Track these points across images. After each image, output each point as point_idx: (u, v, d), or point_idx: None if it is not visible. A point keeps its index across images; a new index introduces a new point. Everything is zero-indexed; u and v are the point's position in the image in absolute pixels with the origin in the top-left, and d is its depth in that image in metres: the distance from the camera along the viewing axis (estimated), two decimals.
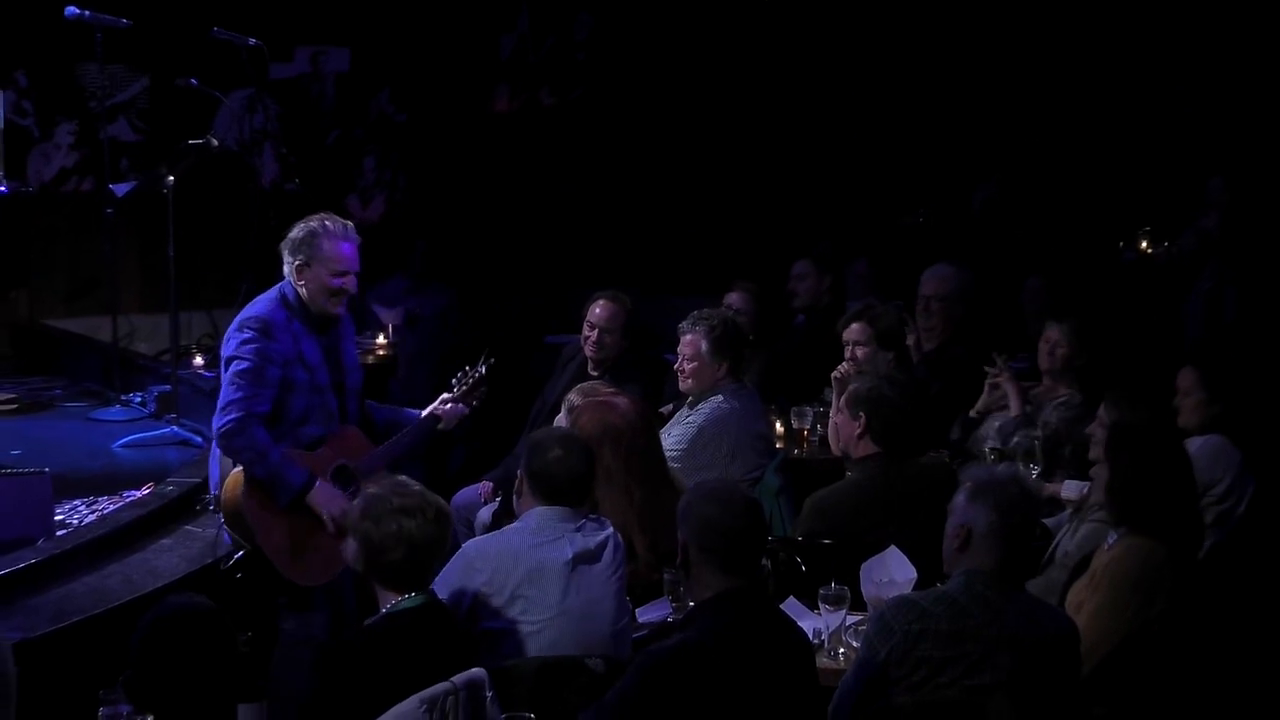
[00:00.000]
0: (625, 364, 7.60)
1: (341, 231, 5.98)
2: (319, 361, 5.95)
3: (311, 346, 5.94)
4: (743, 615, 4.25)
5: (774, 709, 4.18)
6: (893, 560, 5.35)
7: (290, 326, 5.90)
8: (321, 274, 5.91)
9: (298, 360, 5.89)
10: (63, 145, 11.10)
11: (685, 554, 4.32)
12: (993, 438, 6.99)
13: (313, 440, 5.93)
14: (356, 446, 6.02)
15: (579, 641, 4.94)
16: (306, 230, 5.97)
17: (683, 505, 4.42)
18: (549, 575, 4.96)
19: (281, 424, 5.87)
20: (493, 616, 4.94)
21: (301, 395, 5.90)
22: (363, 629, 4.50)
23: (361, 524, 4.50)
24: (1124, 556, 5.07)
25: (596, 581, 5.02)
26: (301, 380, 5.90)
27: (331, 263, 5.91)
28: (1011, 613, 4.45)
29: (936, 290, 8.04)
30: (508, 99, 12.96)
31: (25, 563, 6.27)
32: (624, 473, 5.63)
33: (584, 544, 5.03)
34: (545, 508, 5.07)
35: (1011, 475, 5.10)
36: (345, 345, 6.12)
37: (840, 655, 5.02)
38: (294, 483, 5.77)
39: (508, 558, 4.98)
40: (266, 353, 5.83)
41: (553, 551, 4.98)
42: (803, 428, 7.63)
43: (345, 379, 6.07)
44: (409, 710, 4.20)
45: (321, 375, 5.95)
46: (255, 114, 11.37)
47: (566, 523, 5.05)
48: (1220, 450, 6.24)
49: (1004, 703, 4.31)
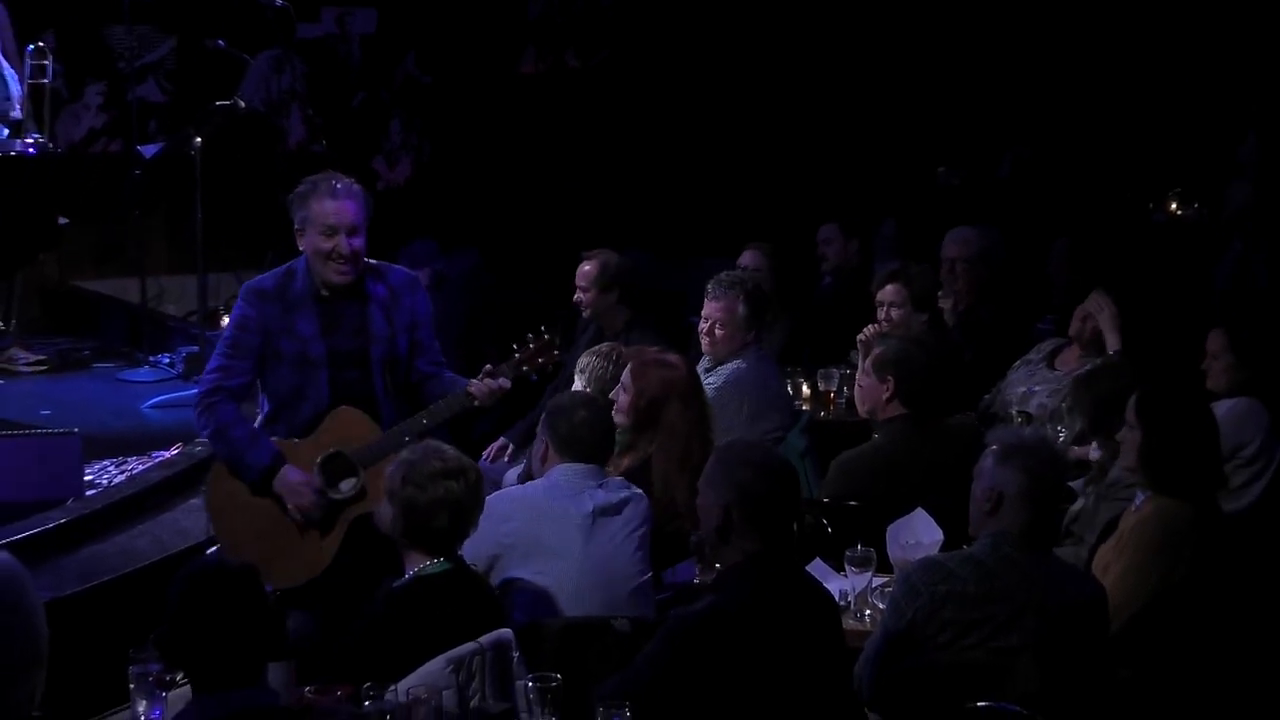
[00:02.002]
0: (635, 325, 7.61)
1: (331, 188, 5.42)
2: (313, 333, 5.40)
3: (307, 317, 5.41)
4: (772, 579, 4.25)
5: (802, 671, 4.19)
6: (919, 522, 5.35)
7: (284, 295, 5.43)
8: (313, 236, 5.39)
9: (285, 331, 5.40)
10: (91, 106, 11.13)
11: (724, 516, 4.25)
12: (1018, 400, 6.98)
13: (310, 422, 5.42)
14: (357, 431, 5.37)
15: (600, 593, 5.02)
16: (300, 193, 5.47)
17: (717, 468, 4.34)
18: (570, 525, 5.06)
19: (273, 400, 5.48)
20: (516, 566, 5.03)
21: (289, 369, 5.42)
22: (391, 591, 4.51)
23: (404, 490, 4.49)
24: (1151, 518, 5.07)
25: (617, 535, 5.11)
26: (289, 352, 5.41)
27: (319, 221, 5.36)
28: (1039, 575, 4.46)
29: (961, 253, 8.02)
30: (534, 61, 12.93)
31: (55, 523, 6.32)
32: (688, 427, 5.75)
33: (606, 499, 5.14)
34: (569, 465, 5.18)
35: (1040, 438, 5.10)
36: (373, 312, 5.45)
37: (866, 617, 5.03)
38: (256, 462, 5.31)
39: (530, 508, 5.09)
40: (245, 321, 5.42)
41: (575, 504, 5.10)
42: (829, 390, 7.62)
43: (369, 348, 5.44)
44: (436, 670, 4.23)
45: (315, 348, 5.40)
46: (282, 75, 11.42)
47: (589, 479, 5.16)
48: (1250, 412, 6.22)
49: (1030, 665, 4.32)
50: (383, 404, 5.44)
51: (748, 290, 6.98)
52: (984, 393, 7.21)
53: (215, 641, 3.42)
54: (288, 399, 5.44)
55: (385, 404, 5.44)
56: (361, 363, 5.44)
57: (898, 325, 7.26)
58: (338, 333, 5.43)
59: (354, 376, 5.43)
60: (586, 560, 5.02)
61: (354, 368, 5.44)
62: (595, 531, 5.08)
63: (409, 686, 4.06)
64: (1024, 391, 7.04)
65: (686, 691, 4.08)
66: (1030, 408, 6.89)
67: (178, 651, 3.48)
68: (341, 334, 5.44)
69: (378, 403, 5.43)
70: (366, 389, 5.43)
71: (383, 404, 5.44)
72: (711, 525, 4.28)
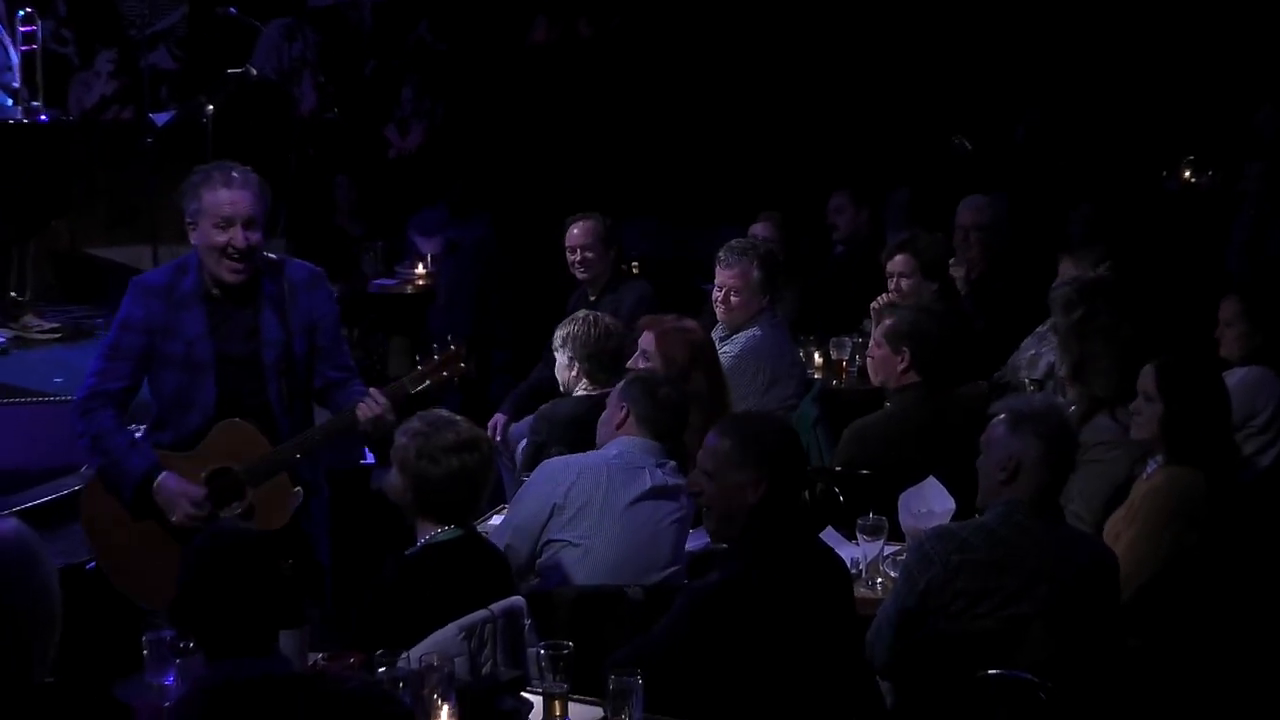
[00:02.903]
0: (618, 279, 7.61)
1: (226, 177, 4.96)
2: (200, 333, 4.99)
3: (195, 316, 4.99)
4: (787, 549, 4.24)
5: (815, 640, 4.19)
6: (931, 491, 5.35)
7: (170, 293, 5.00)
8: (206, 229, 4.93)
9: (171, 331, 4.99)
10: (102, 74, 11.11)
11: (759, 492, 4.21)
12: (1027, 368, 6.97)
13: (198, 432, 5.02)
14: (246, 444, 4.99)
15: (637, 568, 5.01)
16: (190, 185, 5.00)
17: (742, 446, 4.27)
18: (623, 498, 5.04)
19: (160, 405, 5.09)
20: (561, 529, 5.03)
21: (174, 372, 5.01)
22: (402, 559, 4.52)
23: (417, 463, 4.48)
24: (1163, 486, 5.07)
25: (664, 519, 5.10)
26: (174, 354, 5.00)
27: (212, 213, 4.92)
28: (1051, 543, 4.45)
29: (974, 221, 8.01)
30: (546, 29, 12.90)
31: (68, 489, 6.35)
32: (710, 392, 5.83)
33: (663, 480, 5.12)
34: (633, 438, 5.16)
35: (1049, 404, 5.09)
36: (266, 313, 5.03)
37: (878, 585, 5.03)
38: (133, 470, 4.93)
39: (589, 476, 5.07)
40: (129, 320, 5.01)
41: (634, 477, 5.08)
42: (841, 358, 7.62)
43: (262, 353, 5.03)
44: (448, 637, 4.23)
45: (202, 349, 4.99)
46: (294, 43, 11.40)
47: (650, 456, 5.15)
48: (1262, 381, 6.21)
49: (1042, 633, 4.32)
50: (278, 414, 5.06)
51: (760, 255, 6.98)
52: (996, 361, 7.20)
53: (227, 609, 3.42)
54: (173, 405, 5.05)
55: (280, 414, 5.07)
56: (253, 368, 5.04)
57: (907, 295, 7.25)
58: (227, 335, 5.03)
59: (245, 383, 5.04)
60: (629, 534, 5.01)
61: (245, 373, 5.04)
62: (645, 509, 5.06)
63: (421, 653, 4.07)
64: (1033, 354, 7.02)
65: (702, 661, 4.09)
66: (1038, 371, 6.89)
67: (190, 619, 3.48)
68: (231, 337, 5.04)
69: (272, 412, 5.05)
70: (259, 397, 5.04)
71: (278, 414, 5.06)
72: (745, 503, 4.25)
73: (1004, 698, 4.19)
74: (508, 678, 4.16)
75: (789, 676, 4.12)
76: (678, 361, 5.81)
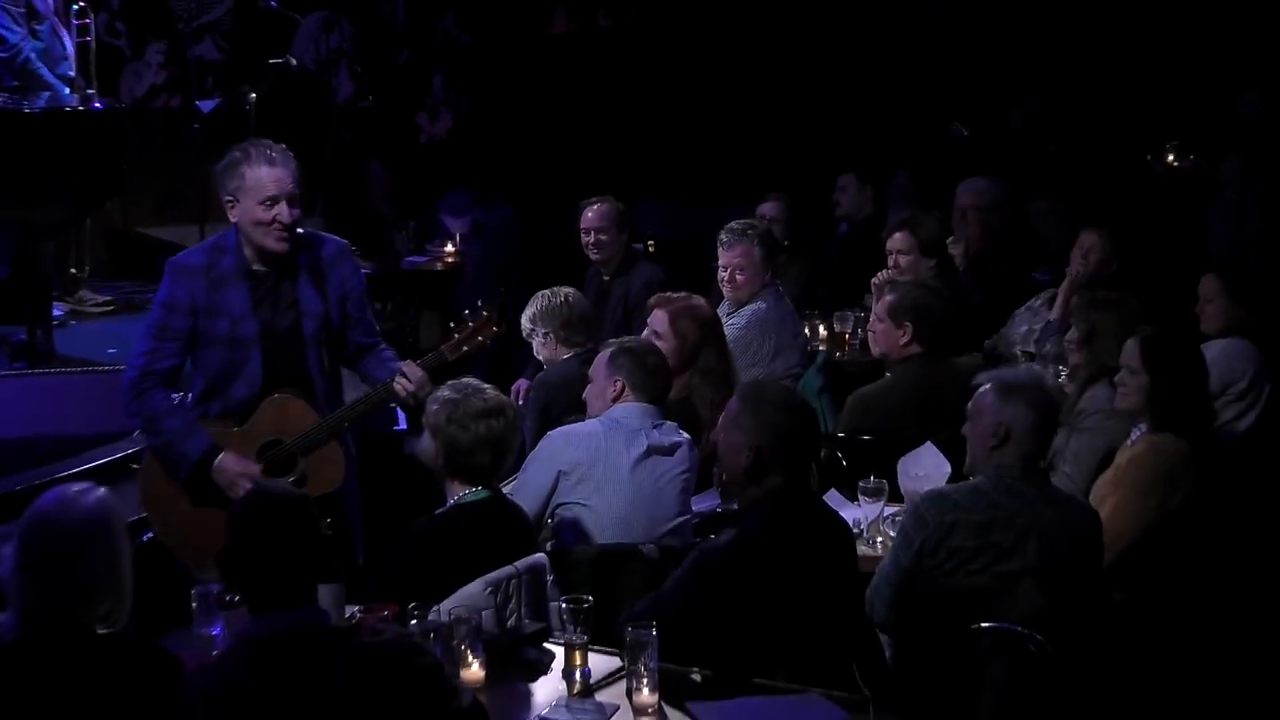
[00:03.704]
0: (630, 260, 7.61)
1: (267, 155, 4.89)
2: (245, 311, 4.91)
3: (238, 294, 4.92)
4: (793, 512, 4.25)
5: (819, 596, 4.20)
6: (928, 455, 5.36)
7: (210, 272, 4.93)
8: (250, 207, 4.86)
9: (213, 309, 4.91)
10: (152, 64, 11.10)
11: (754, 456, 4.22)
12: (1020, 340, 6.97)
13: (245, 402, 4.95)
14: (296, 417, 4.93)
15: (642, 525, 5.02)
16: (229, 161, 4.91)
17: (745, 412, 4.29)
18: (625, 459, 5.05)
19: (206, 380, 5.00)
20: (569, 492, 5.04)
21: (219, 349, 4.93)
22: (432, 518, 4.53)
23: (448, 429, 4.49)
24: (1148, 452, 5.07)
25: (666, 475, 5.10)
26: (219, 332, 4.92)
27: (257, 191, 4.85)
28: (1039, 504, 4.46)
29: (973, 201, 8.00)
30: (565, 21, 12.86)
31: (121, 453, 6.37)
32: (720, 364, 5.84)
33: (660, 440, 5.13)
34: (630, 404, 5.17)
35: (1034, 375, 5.08)
36: (304, 286, 4.98)
37: (878, 544, 5.04)
38: (191, 453, 4.86)
39: (591, 441, 5.08)
40: (173, 301, 4.93)
41: (632, 440, 5.09)
42: (844, 331, 7.62)
43: (303, 324, 4.97)
44: (475, 591, 4.25)
45: (246, 327, 4.91)
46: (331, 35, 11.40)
47: (647, 419, 5.15)
48: (1241, 351, 6.20)
49: (1031, 588, 4.32)
50: (317, 381, 5.01)
51: (759, 234, 7.01)
52: (992, 333, 7.19)
53: (270, 564, 3.44)
54: (220, 380, 4.97)
55: (320, 381, 5.02)
56: (295, 340, 4.98)
57: (906, 271, 7.25)
58: (270, 310, 4.95)
59: (288, 354, 4.97)
60: (634, 493, 5.02)
61: (287, 345, 4.97)
62: (646, 467, 5.07)
63: (450, 607, 4.09)
64: (1026, 330, 7.02)
65: (712, 617, 4.09)
66: (1031, 345, 6.88)
67: (237, 574, 3.50)
68: (274, 311, 4.96)
69: (312, 380, 5.00)
70: (300, 366, 4.99)
71: (317, 381, 5.01)
72: (741, 466, 4.25)
73: (995, 649, 4.20)
74: (531, 630, 4.18)
75: (795, 631, 4.12)
76: (690, 339, 5.81)
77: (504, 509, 4.62)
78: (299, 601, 3.44)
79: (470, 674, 3.91)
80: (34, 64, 7.89)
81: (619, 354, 5.22)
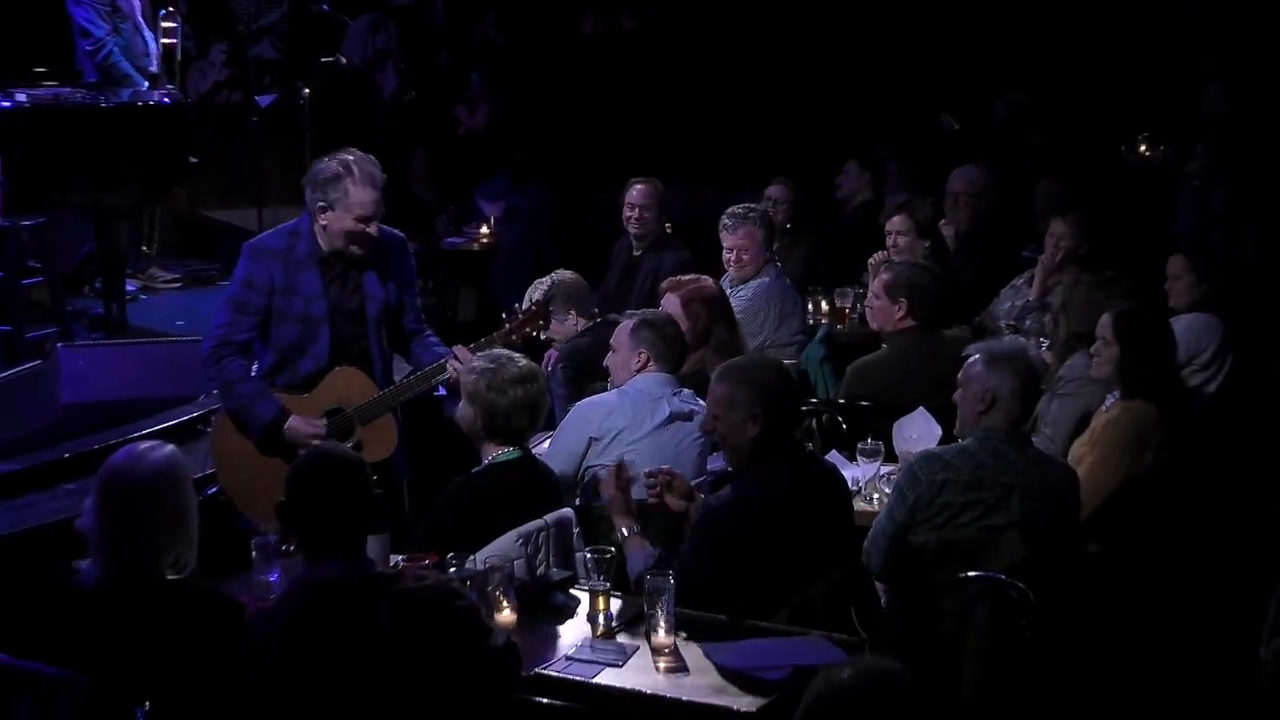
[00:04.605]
0: (662, 240, 7.58)
1: (369, 176, 4.91)
2: (317, 292, 4.96)
3: (311, 278, 4.96)
4: (788, 466, 4.22)
5: (815, 543, 4.18)
6: (921, 420, 5.34)
7: (288, 256, 4.97)
8: (344, 219, 4.89)
9: (289, 289, 4.96)
10: (216, 63, 11.09)
11: (756, 424, 4.17)
12: (1004, 315, 6.95)
13: (310, 376, 5.02)
14: (357, 389, 4.99)
15: None
16: (332, 173, 4.90)
17: (735, 386, 4.23)
18: (648, 425, 5.04)
19: (276, 353, 5.03)
20: (599, 456, 5.02)
21: (292, 325, 4.97)
22: (469, 476, 4.53)
23: (487, 394, 4.47)
24: (1121, 417, 5.05)
25: (686, 439, 5.07)
26: (293, 310, 4.96)
27: (356, 209, 4.88)
28: (1023, 464, 4.44)
29: (964, 188, 7.99)
30: (593, 23, 12.81)
31: (187, 415, 6.38)
32: (731, 339, 5.81)
33: (680, 406, 5.11)
34: (650, 374, 5.13)
35: (1017, 345, 5.06)
36: (367, 274, 5.03)
37: (875, 500, 5.03)
38: (263, 416, 4.91)
39: (618, 409, 5.06)
40: (251, 279, 4.97)
41: (655, 407, 5.07)
42: (844, 306, 7.59)
43: (367, 307, 5.03)
44: (508, 543, 4.25)
45: (318, 306, 4.95)
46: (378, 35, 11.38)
47: (667, 387, 5.13)
48: (1206, 325, 6.18)
49: (1015, 539, 4.30)
50: (376, 360, 5.07)
51: (759, 216, 7.04)
52: (980, 308, 7.17)
53: (325, 516, 3.44)
54: (290, 353, 5.01)
55: (378, 360, 5.08)
56: (359, 321, 5.04)
57: (904, 251, 7.23)
58: (338, 292, 5.01)
59: (352, 333, 5.04)
60: (658, 455, 4.97)
61: (352, 325, 5.03)
62: (669, 432, 5.05)
63: (485, 556, 4.09)
64: (1009, 306, 7.00)
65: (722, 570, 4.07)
66: (1014, 320, 6.85)
67: (294, 524, 3.51)
68: (342, 294, 5.02)
69: (371, 357, 5.06)
70: (361, 344, 5.05)
71: (376, 360, 5.07)
72: (750, 436, 4.20)
73: (981, 596, 4.19)
74: (559, 578, 4.18)
75: (795, 577, 4.10)
76: (702, 318, 5.76)
77: (534, 468, 4.61)
78: (349, 551, 3.45)
79: (503, 617, 3.90)
80: (115, 58, 7.90)
81: (641, 326, 5.19)
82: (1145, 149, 10.61)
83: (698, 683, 3.65)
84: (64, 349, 6.82)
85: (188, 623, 3.49)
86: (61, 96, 7.53)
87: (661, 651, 3.77)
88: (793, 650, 3.74)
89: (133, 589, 3.52)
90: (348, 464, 3.53)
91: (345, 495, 3.46)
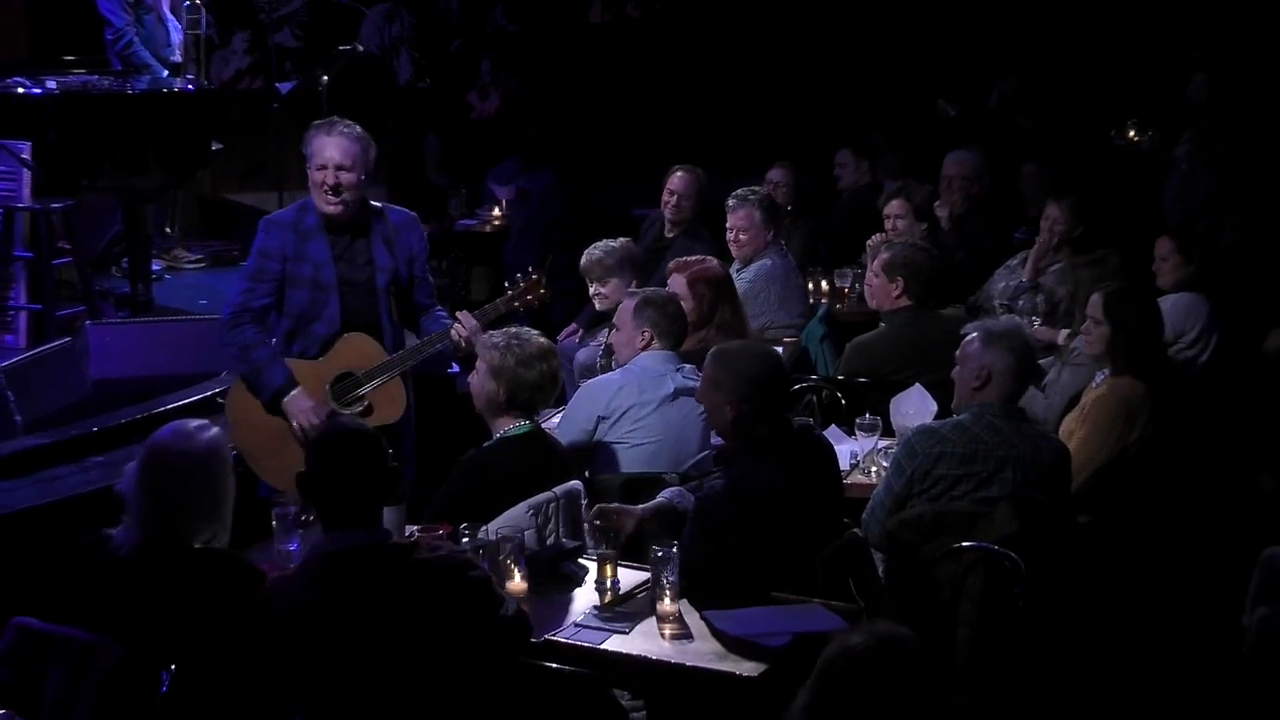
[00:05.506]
0: (694, 227, 7.56)
1: (330, 127, 4.97)
2: (325, 259, 4.99)
3: (320, 245, 5.00)
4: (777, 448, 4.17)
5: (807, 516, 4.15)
6: (917, 395, 5.33)
7: (298, 226, 5.02)
8: (312, 171, 4.96)
9: (299, 256, 5.00)
10: (238, 51, 11.07)
11: (736, 410, 4.13)
12: (999, 295, 6.93)
13: (321, 341, 5.05)
14: (367, 354, 5.01)
15: (670, 458, 5.00)
16: (310, 133, 5.02)
17: (719, 370, 4.20)
18: (655, 400, 5.02)
19: (289, 319, 5.08)
20: (609, 432, 5.01)
21: (303, 290, 5.02)
22: (483, 450, 4.51)
23: (515, 369, 4.45)
24: (1110, 393, 5.05)
25: (691, 413, 5.04)
26: (304, 276, 5.00)
27: (316, 156, 4.94)
28: (1015, 438, 4.43)
29: (958, 171, 7.95)
30: (600, 12, 12.76)
31: (211, 391, 6.36)
32: (734, 318, 5.80)
33: (683, 382, 5.07)
34: (654, 352, 5.11)
35: (1013, 324, 5.04)
36: (375, 244, 5.05)
37: (873, 473, 5.01)
38: (271, 382, 4.97)
39: (625, 389, 5.04)
40: (266, 249, 5.04)
41: (661, 384, 5.05)
42: (844, 286, 7.58)
43: (375, 277, 5.05)
44: (518, 513, 4.24)
45: (327, 273, 4.99)
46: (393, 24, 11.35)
47: (670, 364, 5.10)
48: (1192, 304, 6.17)
49: (1008, 512, 4.29)
50: (386, 328, 5.09)
51: (760, 199, 6.99)
52: (973, 288, 7.15)
53: (343, 488, 3.43)
54: (303, 319, 5.05)
55: (388, 329, 5.10)
56: (369, 291, 5.05)
57: (901, 233, 7.22)
58: (348, 262, 5.04)
59: (362, 302, 5.05)
60: (665, 429, 4.98)
61: (362, 294, 5.05)
62: (675, 407, 5.03)
63: (497, 527, 4.08)
64: (1003, 286, 6.97)
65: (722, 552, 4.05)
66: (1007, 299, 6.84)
67: (314, 495, 3.50)
68: (352, 263, 5.05)
69: (381, 326, 5.08)
70: (372, 314, 5.06)
71: (386, 328, 5.09)
72: (728, 419, 4.17)
73: (974, 566, 4.18)
74: (569, 547, 4.17)
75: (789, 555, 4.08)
76: (707, 298, 5.74)
77: (544, 441, 4.60)
78: (366, 521, 3.44)
79: (514, 585, 3.90)
80: (136, 46, 7.87)
81: (645, 305, 5.16)
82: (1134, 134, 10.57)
83: (701, 649, 3.65)
84: (92, 327, 6.81)
85: (216, 590, 3.50)
86: (90, 84, 7.54)
87: (667, 619, 3.77)
88: (793, 618, 3.74)
89: (165, 557, 3.53)
90: (367, 439, 3.52)
91: (363, 467, 3.45)
